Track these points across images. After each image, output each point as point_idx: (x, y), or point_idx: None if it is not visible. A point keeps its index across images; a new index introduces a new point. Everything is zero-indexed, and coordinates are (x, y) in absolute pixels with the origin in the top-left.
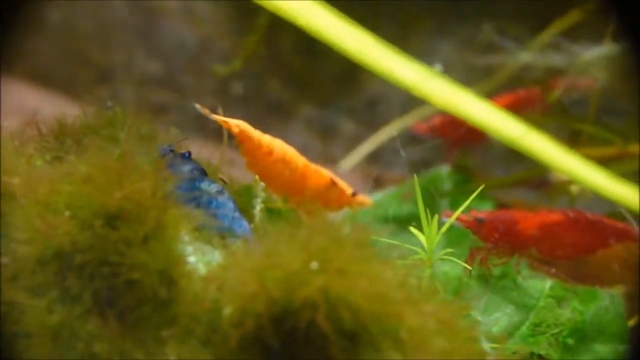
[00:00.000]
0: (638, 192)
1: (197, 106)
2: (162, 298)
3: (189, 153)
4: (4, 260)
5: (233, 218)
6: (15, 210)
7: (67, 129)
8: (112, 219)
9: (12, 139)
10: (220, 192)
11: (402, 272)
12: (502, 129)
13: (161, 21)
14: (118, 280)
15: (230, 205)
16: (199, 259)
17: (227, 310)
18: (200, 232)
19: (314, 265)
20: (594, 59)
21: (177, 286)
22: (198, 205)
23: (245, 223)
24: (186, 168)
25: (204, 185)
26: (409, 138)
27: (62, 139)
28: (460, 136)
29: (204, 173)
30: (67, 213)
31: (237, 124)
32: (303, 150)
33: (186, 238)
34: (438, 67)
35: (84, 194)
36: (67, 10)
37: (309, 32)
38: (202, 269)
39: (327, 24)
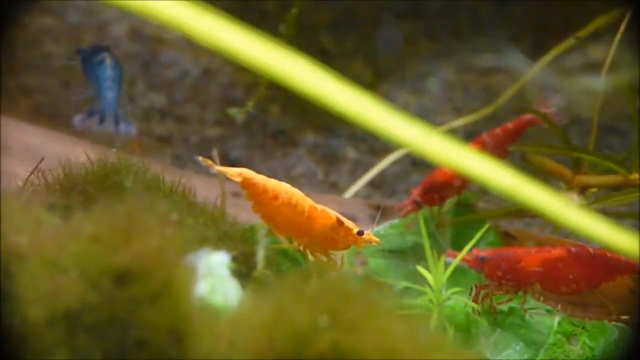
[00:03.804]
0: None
1: (199, 158)
2: (172, 356)
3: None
4: None
5: (104, 87)
6: (23, 271)
7: (72, 179)
8: (120, 278)
9: (19, 193)
10: (102, 61)
11: (411, 324)
12: (498, 182)
13: (162, 52)
14: (128, 339)
15: (108, 73)
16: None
17: None
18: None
19: (324, 320)
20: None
21: (187, 344)
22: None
23: (111, 97)
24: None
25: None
26: (412, 163)
27: (68, 190)
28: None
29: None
30: (75, 272)
31: (239, 173)
32: (306, 177)
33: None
34: (434, 82)
35: (92, 253)
36: (69, 44)
37: (305, 96)
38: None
39: (326, 88)
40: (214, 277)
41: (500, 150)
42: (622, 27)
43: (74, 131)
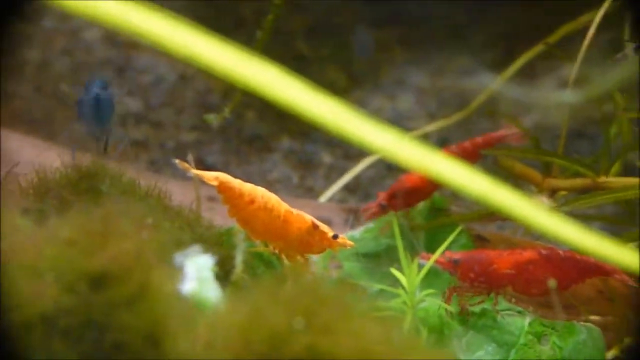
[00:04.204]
0: (610, 245)
1: (177, 161)
2: (150, 359)
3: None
4: None
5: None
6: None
7: (46, 183)
8: (97, 282)
9: None
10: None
11: (386, 326)
12: (470, 186)
13: (137, 57)
14: (105, 342)
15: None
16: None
17: None
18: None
19: (299, 323)
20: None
21: (164, 346)
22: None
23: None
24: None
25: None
26: (386, 168)
27: (42, 195)
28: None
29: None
30: (51, 276)
31: (215, 177)
32: (282, 182)
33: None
34: (409, 88)
35: (68, 257)
36: (43, 49)
37: (275, 103)
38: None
39: (298, 96)
40: (197, 280)
41: (467, 163)
42: (590, 36)
43: (49, 136)
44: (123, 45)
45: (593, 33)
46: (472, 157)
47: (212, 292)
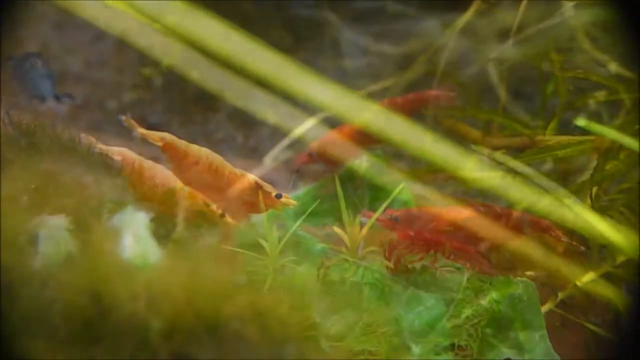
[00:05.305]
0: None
1: (123, 118)
2: (91, 316)
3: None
4: None
5: (39, 84)
6: None
7: None
8: (38, 238)
9: None
10: (34, 64)
11: (324, 281)
12: (414, 143)
13: (77, 14)
14: (44, 299)
15: (41, 72)
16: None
17: (156, 326)
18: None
19: (240, 279)
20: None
21: (105, 303)
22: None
23: (46, 88)
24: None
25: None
26: (330, 128)
27: None
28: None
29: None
30: None
31: (161, 137)
32: (226, 142)
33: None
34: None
35: (9, 214)
36: None
37: (220, 60)
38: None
39: (237, 48)
40: (134, 237)
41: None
42: None
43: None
44: (60, 2)
45: None
46: (403, 111)
47: (149, 249)
